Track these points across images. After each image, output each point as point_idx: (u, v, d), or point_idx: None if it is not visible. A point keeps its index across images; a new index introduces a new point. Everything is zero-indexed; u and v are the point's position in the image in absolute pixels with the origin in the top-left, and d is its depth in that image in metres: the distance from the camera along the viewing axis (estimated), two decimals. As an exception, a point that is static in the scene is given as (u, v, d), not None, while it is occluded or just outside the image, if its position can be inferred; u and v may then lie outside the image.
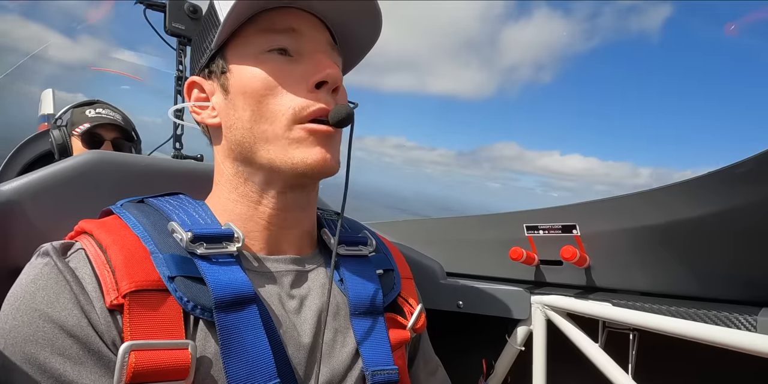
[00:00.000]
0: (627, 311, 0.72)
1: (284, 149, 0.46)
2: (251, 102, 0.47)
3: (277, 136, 0.46)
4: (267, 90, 0.46)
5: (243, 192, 0.49)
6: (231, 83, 0.48)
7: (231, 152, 0.50)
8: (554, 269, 0.85)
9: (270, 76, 0.47)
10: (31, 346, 0.36)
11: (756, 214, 0.60)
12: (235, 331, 0.41)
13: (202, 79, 0.52)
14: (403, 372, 0.53)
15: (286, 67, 0.47)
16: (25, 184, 0.57)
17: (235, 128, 0.48)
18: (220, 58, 0.50)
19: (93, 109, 1.34)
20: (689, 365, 0.77)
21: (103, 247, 0.42)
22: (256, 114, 0.47)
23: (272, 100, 0.46)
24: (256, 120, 0.47)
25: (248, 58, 0.48)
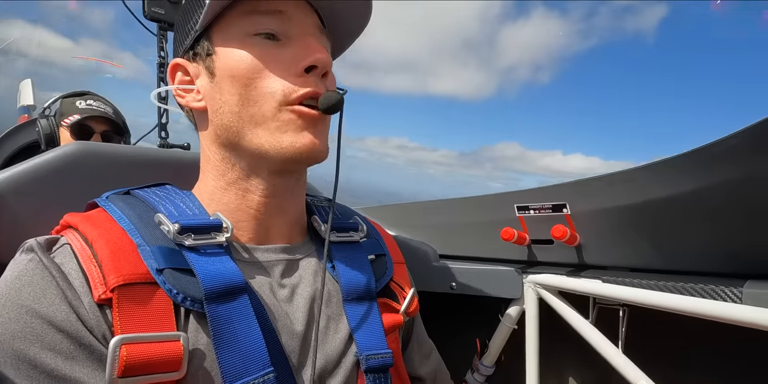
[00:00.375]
0: (616, 287, 0.73)
1: (273, 133, 0.45)
2: (238, 85, 0.46)
3: (265, 119, 0.45)
4: (255, 73, 0.45)
5: (230, 179, 0.49)
6: (217, 66, 0.47)
7: (217, 137, 0.49)
8: (545, 248, 0.86)
9: (258, 59, 0.46)
10: (20, 343, 0.36)
11: (738, 189, 0.60)
12: (226, 321, 0.41)
13: (186, 62, 0.50)
14: (396, 355, 0.53)
15: (274, 51, 0.47)
16: (8, 177, 0.56)
17: (221, 112, 0.47)
18: (205, 39, 0.48)
19: (83, 101, 1.31)
20: (678, 338, 0.79)
21: (88, 241, 0.41)
22: (243, 97, 0.46)
23: (260, 84, 0.45)
24: (243, 103, 0.46)
25: (235, 41, 0.46)
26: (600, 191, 0.78)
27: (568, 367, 0.95)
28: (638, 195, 0.73)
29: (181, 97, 0.51)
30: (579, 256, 0.82)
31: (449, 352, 0.74)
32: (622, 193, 0.75)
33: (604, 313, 0.80)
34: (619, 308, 0.78)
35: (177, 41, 0.53)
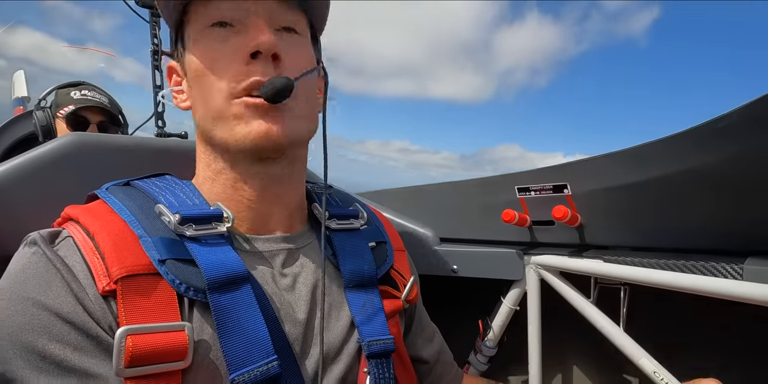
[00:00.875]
0: (617, 266, 0.74)
1: (229, 126, 0.45)
2: (198, 82, 0.46)
3: (220, 113, 0.45)
4: (207, 68, 0.45)
5: (216, 169, 0.49)
6: (186, 63, 0.48)
7: (199, 133, 0.50)
8: (546, 229, 0.86)
9: (209, 52, 0.45)
10: (28, 335, 0.36)
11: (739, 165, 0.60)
12: (229, 311, 0.41)
13: (176, 63, 0.51)
14: (398, 340, 0.54)
15: (225, 40, 0.45)
16: (7, 170, 0.56)
17: (195, 110, 0.48)
18: (180, 39, 0.49)
19: (78, 91, 1.30)
20: (679, 316, 0.80)
21: (90, 233, 0.41)
22: (202, 94, 0.46)
23: (212, 78, 0.45)
24: (203, 99, 0.46)
25: (196, 36, 0.46)
26: (600, 171, 0.78)
27: (569, 346, 0.96)
28: (639, 174, 0.73)
29: (174, 99, 0.52)
30: (580, 236, 0.83)
31: (452, 334, 0.75)
32: (622, 172, 0.75)
33: (606, 292, 0.81)
34: (620, 287, 0.79)
35: (172, 43, 0.53)
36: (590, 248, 0.82)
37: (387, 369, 0.51)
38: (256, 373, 0.41)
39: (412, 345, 0.62)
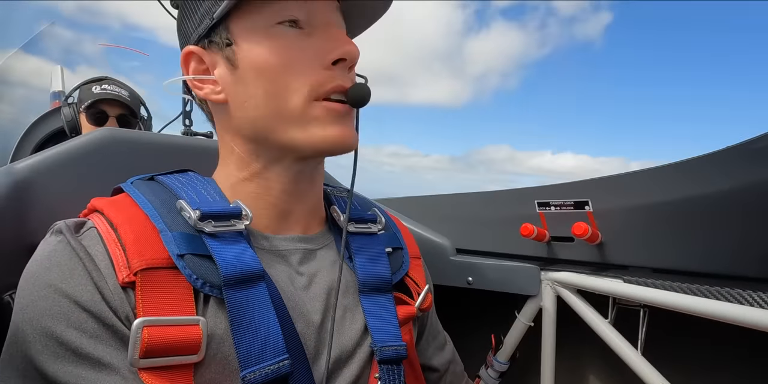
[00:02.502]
0: (637, 288, 0.72)
1: (303, 127, 0.45)
2: (265, 79, 0.45)
3: (294, 113, 0.45)
4: (282, 66, 0.44)
5: (254, 170, 0.49)
6: (239, 57, 0.46)
7: (241, 130, 0.48)
8: (565, 246, 0.85)
9: (284, 51, 0.45)
10: (48, 320, 0.37)
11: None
12: (244, 308, 0.41)
13: (201, 50, 0.48)
14: (410, 347, 0.53)
15: (300, 41, 0.45)
16: (40, 161, 0.58)
17: (247, 106, 0.46)
18: (222, 28, 0.47)
19: (99, 86, 1.34)
20: (699, 342, 0.77)
21: (114, 225, 0.42)
22: (270, 92, 0.45)
23: (288, 78, 0.44)
24: (270, 98, 0.45)
25: (258, 31, 0.45)
26: (624, 189, 0.76)
27: (584, 366, 0.94)
28: (663, 194, 0.71)
29: (199, 89, 0.48)
30: (600, 254, 0.81)
31: (464, 347, 0.74)
32: (646, 192, 0.73)
33: (624, 313, 0.79)
34: (639, 309, 0.77)
35: (186, 27, 0.50)
36: (610, 267, 0.80)
37: (398, 376, 0.50)
38: (267, 371, 0.41)
39: (423, 353, 0.61)
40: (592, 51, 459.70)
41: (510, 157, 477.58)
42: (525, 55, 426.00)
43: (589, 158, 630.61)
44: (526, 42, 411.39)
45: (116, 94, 1.33)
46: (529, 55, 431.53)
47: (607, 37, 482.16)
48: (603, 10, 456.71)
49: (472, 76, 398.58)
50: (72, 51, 3.07)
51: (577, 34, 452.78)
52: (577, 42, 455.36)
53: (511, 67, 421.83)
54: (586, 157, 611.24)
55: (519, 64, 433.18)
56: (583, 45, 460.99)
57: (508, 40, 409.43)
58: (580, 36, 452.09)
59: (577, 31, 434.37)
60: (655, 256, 0.75)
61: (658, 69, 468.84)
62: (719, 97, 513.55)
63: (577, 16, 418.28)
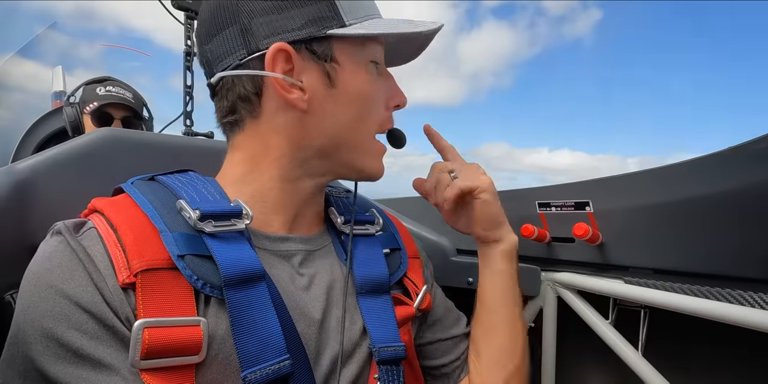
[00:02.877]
0: (638, 288, 0.72)
1: (363, 156, 0.52)
2: (356, 107, 0.49)
3: (362, 142, 0.51)
4: (370, 100, 0.50)
5: (289, 177, 0.50)
6: (340, 79, 0.48)
7: (305, 140, 0.48)
8: (566, 246, 0.85)
9: (374, 87, 0.51)
10: (49, 321, 0.37)
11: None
12: (245, 308, 0.42)
13: (294, 51, 0.46)
14: (409, 348, 0.54)
15: (379, 82, 0.52)
16: (41, 161, 0.58)
17: (327, 123, 0.48)
18: (327, 43, 0.47)
19: (103, 87, 1.34)
20: (700, 344, 0.77)
21: (114, 225, 0.42)
22: (356, 119, 0.49)
23: (371, 110, 0.51)
24: (354, 124, 0.49)
25: (360, 63, 0.49)
26: (625, 189, 0.76)
27: (585, 367, 0.94)
28: (665, 194, 0.71)
29: (286, 91, 0.46)
30: (601, 255, 0.81)
31: (464, 348, 0.74)
32: (647, 192, 0.73)
33: (625, 314, 0.78)
34: (640, 310, 0.77)
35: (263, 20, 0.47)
36: (611, 268, 0.80)
37: (397, 376, 0.50)
38: (268, 372, 0.41)
39: (444, 330, 0.64)
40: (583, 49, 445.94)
41: (507, 155, 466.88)
42: (516, 54, 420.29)
43: (586, 155, 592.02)
44: (517, 41, 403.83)
45: (121, 96, 1.33)
46: (520, 54, 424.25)
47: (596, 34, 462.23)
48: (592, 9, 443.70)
49: (467, 75, 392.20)
50: (69, 54, 3.08)
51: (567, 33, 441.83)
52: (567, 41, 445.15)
53: (502, 66, 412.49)
54: (583, 154, 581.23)
55: (510, 63, 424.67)
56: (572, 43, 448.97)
57: (500, 39, 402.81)
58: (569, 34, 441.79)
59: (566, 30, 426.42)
60: (656, 257, 0.75)
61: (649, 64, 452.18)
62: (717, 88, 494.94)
63: (566, 16, 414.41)
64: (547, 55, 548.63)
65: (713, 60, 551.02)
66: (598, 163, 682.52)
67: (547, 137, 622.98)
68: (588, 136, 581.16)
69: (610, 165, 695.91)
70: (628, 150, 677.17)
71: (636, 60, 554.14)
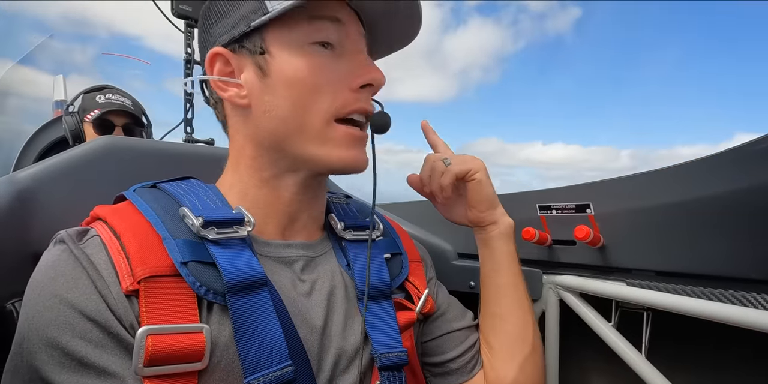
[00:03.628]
0: (641, 291, 0.71)
1: (321, 145, 0.47)
2: (294, 93, 0.46)
3: (315, 131, 0.47)
4: (312, 84, 0.46)
5: (265, 177, 0.49)
6: (272, 68, 0.47)
7: (258, 137, 0.49)
8: (567, 249, 0.84)
9: (317, 70, 0.47)
10: (53, 330, 0.37)
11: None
12: (247, 314, 0.42)
13: (229, 52, 0.48)
14: (411, 354, 0.54)
15: (331, 63, 0.48)
16: (42, 170, 0.58)
17: (271, 115, 0.47)
18: (257, 36, 0.47)
19: (103, 95, 1.35)
20: (704, 346, 0.77)
21: (117, 233, 0.42)
22: (297, 106, 0.46)
23: (316, 95, 0.47)
24: (296, 111, 0.46)
25: (293, 47, 0.47)
26: (626, 191, 0.76)
27: (588, 370, 0.93)
28: (667, 196, 0.71)
29: (223, 91, 0.49)
30: (602, 257, 0.81)
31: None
32: (649, 194, 0.73)
33: (627, 317, 0.78)
34: (643, 312, 0.76)
35: (214, 29, 0.50)
36: (612, 270, 0.80)
37: (399, 383, 0.50)
38: (271, 378, 0.41)
39: (449, 323, 0.63)
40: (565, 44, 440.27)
41: (501, 150, 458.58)
42: (500, 50, 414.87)
43: (581, 148, 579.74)
44: (501, 37, 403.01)
45: (121, 103, 1.34)
46: (505, 49, 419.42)
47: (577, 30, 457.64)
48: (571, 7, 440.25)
49: (455, 71, 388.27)
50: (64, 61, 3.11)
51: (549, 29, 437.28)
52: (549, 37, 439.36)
53: (489, 61, 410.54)
54: (578, 146, 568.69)
55: (496, 58, 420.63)
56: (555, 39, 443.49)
57: (486, 36, 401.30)
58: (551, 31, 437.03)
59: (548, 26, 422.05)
60: (659, 259, 0.75)
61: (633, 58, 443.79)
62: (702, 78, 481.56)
63: (546, 13, 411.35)
64: (531, 49, 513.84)
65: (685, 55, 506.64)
66: (592, 156, 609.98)
67: (538, 131, 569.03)
68: (580, 129, 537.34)
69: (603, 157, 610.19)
70: (622, 142, 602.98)
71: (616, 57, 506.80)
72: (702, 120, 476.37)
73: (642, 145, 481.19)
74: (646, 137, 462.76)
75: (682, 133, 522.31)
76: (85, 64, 3.44)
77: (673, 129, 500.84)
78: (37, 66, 2.84)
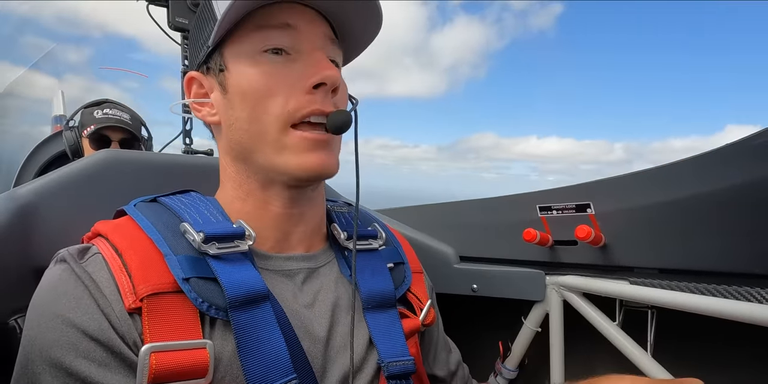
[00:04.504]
0: (644, 289, 0.71)
1: (280, 153, 0.46)
2: (248, 104, 0.46)
3: (272, 139, 0.46)
4: (263, 92, 0.46)
5: (248, 190, 0.50)
6: (229, 82, 0.48)
7: (231, 150, 0.50)
8: (569, 249, 0.84)
9: (267, 77, 0.46)
10: (57, 351, 0.37)
11: None
12: (250, 329, 0.42)
13: (201, 75, 0.51)
14: (418, 362, 0.53)
15: (283, 67, 0.47)
16: (43, 185, 0.58)
17: (234, 128, 0.48)
18: (218, 54, 0.49)
19: (101, 110, 1.35)
20: (710, 342, 0.77)
21: (118, 250, 0.42)
22: (252, 116, 0.46)
23: (268, 103, 0.46)
24: (252, 121, 0.46)
25: (245, 58, 0.47)
26: (626, 190, 0.76)
27: (593, 370, 0.93)
28: (667, 193, 0.71)
29: (197, 111, 0.52)
30: (604, 257, 0.81)
31: (471, 355, 0.73)
32: (648, 192, 0.73)
33: (632, 315, 0.78)
34: (647, 310, 0.76)
35: (192, 55, 0.54)
36: (615, 269, 0.80)
37: None
38: None
39: (428, 363, 0.61)
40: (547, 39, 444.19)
41: (496, 144, 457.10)
42: (486, 47, 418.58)
43: (575, 141, 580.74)
44: (486, 34, 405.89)
45: (118, 118, 1.33)
46: (491, 45, 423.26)
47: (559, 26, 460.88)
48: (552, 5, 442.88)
49: (444, 68, 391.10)
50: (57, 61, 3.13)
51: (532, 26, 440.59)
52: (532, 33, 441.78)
53: (476, 58, 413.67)
54: (572, 140, 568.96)
55: (483, 55, 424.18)
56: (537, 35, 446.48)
57: (471, 33, 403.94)
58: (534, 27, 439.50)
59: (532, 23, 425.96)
60: (661, 257, 0.75)
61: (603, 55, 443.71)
62: None
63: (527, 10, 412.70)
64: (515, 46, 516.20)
65: None
66: (586, 149, 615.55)
67: (532, 125, 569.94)
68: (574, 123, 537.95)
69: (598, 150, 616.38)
70: (615, 135, 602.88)
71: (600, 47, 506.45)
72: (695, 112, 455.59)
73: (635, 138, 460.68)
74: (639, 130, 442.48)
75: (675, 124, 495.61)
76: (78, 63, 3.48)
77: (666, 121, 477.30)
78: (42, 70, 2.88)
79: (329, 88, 0.47)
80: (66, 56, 3.59)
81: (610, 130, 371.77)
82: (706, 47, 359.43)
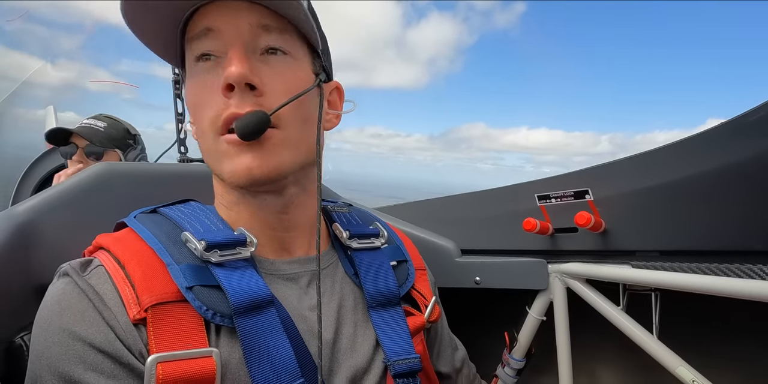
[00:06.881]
0: (647, 272, 0.72)
1: (220, 161, 0.45)
2: (192, 116, 0.47)
3: (212, 149, 0.46)
4: (197, 103, 0.45)
5: (230, 199, 0.50)
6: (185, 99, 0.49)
7: None
8: (570, 237, 0.85)
9: (198, 87, 0.45)
10: (65, 365, 0.37)
11: None
12: (256, 335, 0.42)
13: None
14: (424, 359, 0.54)
15: (209, 74, 0.45)
16: (41, 202, 0.58)
17: (199, 142, 0.49)
18: (182, 70, 0.50)
19: (85, 119, 1.32)
20: (715, 321, 0.77)
21: (121, 262, 0.42)
22: (198, 128, 0.47)
23: (202, 113, 0.45)
24: (198, 134, 0.47)
25: (188, 71, 0.47)
26: (623, 174, 0.76)
27: (601, 357, 0.93)
28: (664, 175, 0.71)
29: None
30: (605, 242, 0.81)
31: (478, 347, 0.74)
32: (647, 174, 0.73)
33: (636, 299, 0.78)
34: (650, 293, 0.76)
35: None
36: (616, 254, 0.80)
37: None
38: None
39: (434, 360, 0.61)
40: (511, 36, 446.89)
41: (486, 134, 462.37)
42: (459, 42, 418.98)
43: (564, 133, 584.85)
44: (458, 30, 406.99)
45: (86, 126, 1.27)
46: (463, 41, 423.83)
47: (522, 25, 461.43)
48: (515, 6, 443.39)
49: (424, 61, 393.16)
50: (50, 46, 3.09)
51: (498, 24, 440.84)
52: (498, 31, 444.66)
53: (452, 52, 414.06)
54: (561, 132, 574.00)
55: (457, 49, 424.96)
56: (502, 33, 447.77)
57: (444, 29, 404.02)
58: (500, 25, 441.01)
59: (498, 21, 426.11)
60: (662, 239, 0.75)
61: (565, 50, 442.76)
62: None
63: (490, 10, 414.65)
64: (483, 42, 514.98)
65: None
66: (574, 141, 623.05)
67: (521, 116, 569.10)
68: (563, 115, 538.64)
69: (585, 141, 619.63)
70: (603, 127, 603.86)
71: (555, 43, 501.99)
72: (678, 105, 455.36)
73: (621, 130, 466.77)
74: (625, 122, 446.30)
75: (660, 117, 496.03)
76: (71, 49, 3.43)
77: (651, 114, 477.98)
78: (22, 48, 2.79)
79: (241, 87, 0.43)
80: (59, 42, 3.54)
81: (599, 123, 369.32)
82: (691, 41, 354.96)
